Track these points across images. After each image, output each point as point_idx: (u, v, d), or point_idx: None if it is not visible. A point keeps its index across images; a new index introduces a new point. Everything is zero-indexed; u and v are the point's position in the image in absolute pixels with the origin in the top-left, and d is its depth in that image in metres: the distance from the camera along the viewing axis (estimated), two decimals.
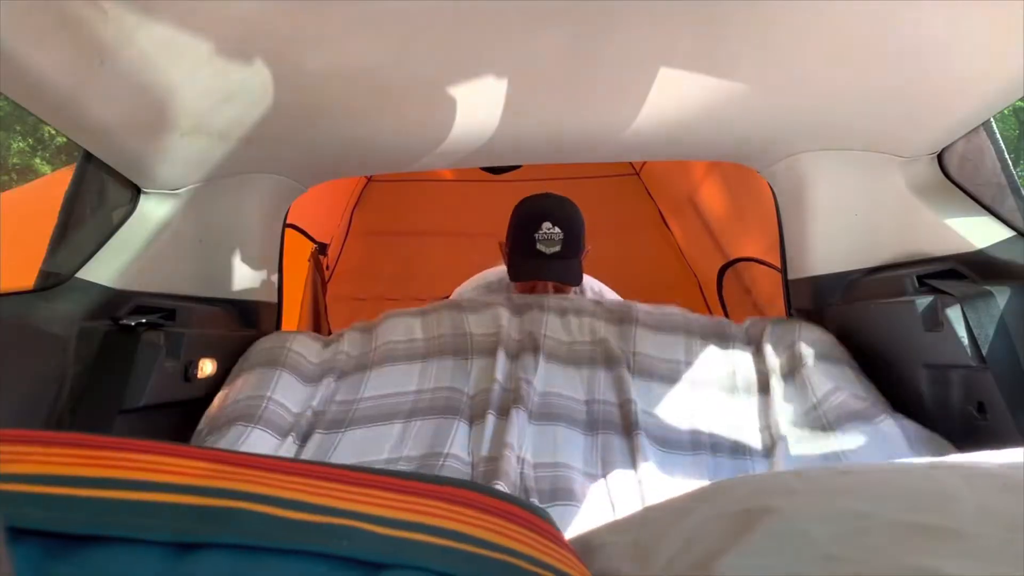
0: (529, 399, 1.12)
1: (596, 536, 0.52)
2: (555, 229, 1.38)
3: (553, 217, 1.40)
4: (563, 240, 1.39)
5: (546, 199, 1.50)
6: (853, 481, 0.50)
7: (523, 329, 1.27)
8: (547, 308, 1.32)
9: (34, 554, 0.28)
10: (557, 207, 1.46)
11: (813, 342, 1.21)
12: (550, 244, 1.38)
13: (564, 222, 1.41)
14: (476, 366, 1.21)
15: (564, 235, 1.39)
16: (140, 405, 1.04)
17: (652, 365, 1.22)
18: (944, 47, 0.91)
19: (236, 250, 1.39)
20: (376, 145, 1.31)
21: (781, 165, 1.39)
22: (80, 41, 0.80)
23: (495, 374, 1.17)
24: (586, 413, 1.14)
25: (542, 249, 1.39)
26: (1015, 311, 0.95)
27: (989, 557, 0.36)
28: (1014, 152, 10.31)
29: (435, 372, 1.21)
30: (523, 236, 1.40)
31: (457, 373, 1.20)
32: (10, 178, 9.44)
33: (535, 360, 1.20)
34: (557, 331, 1.27)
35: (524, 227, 1.41)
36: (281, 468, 0.38)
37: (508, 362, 1.21)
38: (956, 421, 1.05)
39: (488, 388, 1.15)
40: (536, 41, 0.97)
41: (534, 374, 1.17)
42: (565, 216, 1.43)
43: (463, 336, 1.27)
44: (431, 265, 3.17)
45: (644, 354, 1.23)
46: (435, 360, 1.23)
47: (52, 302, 1.01)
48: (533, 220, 1.41)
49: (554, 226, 1.39)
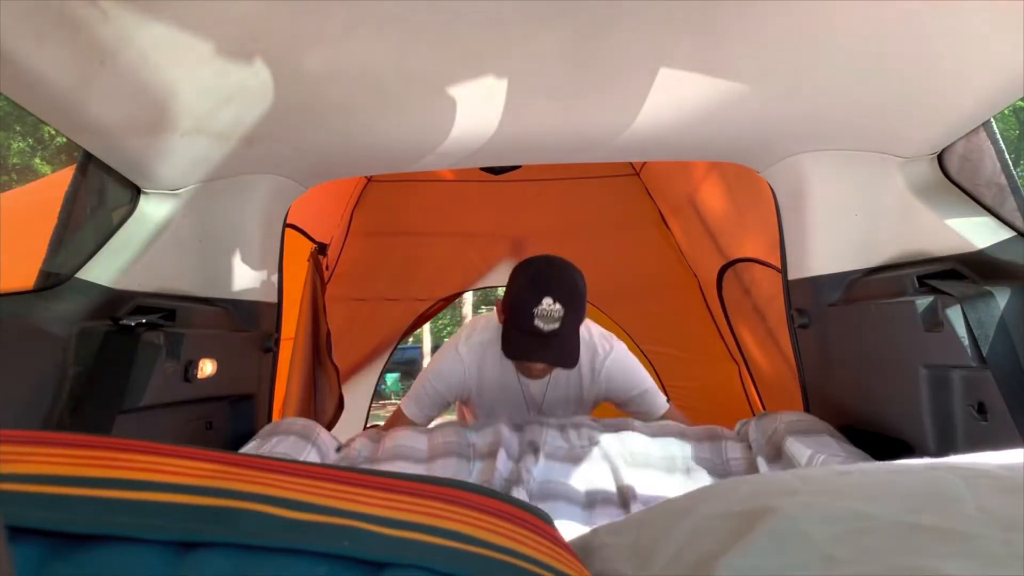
0: (529, 483, 1.15)
1: (595, 537, 0.52)
2: (556, 306, 1.30)
3: (555, 293, 1.31)
4: (563, 317, 1.31)
5: (549, 268, 1.38)
6: (853, 482, 0.50)
7: (523, 440, 1.29)
8: (546, 424, 1.33)
9: (34, 554, 0.28)
10: (560, 280, 1.35)
11: (791, 422, 1.24)
12: (549, 321, 1.31)
13: (566, 298, 1.32)
14: (478, 467, 1.24)
15: (564, 311, 1.31)
16: (140, 405, 1.04)
17: (649, 459, 1.24)
18: (944, 47, 0.91)
19: (236, 250, 1.39)
20: (376, 145, 1.31)
21: (781, 165, 1.39)
22: (80, 41, 0.80)
23: (496, 465, 1.20)
24: (584, 495, 1.15)
25: (540, 326, 1.31)
26: (1015, 311, 0.95)
27: (989, 558, 0.36)
28: (1014, 152, 10.31)
29: (439, 467, 1.23)
30: (521, 310, 1.32)
31: (460, 470, 1.23)
32: (10, 178, 9.44)
33: (535, 459, 1.22)
34: (557, 439, 1.29)
35: (523, 300, 1.32)
36: (282, 469, 0.38)
37: (509, 460, 1.23)
38: (956, 421, 1.05)
39: (489, 479, 1.18)
40: (536, 41, 0.97)
41: (534, 468, 1.19)
42: (567, 292, 1.33)
43: (466, 445, 1.29)
44: (431, 265, 3.17)
45: (642, 452, 1.25)
46: (440, 459, 1.26)
47: (52, 302, 1.01)
48: (534, 293, 1.31)
49: (555, 302, 1.30)
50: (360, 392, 3.11)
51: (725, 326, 2.78)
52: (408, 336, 3.51)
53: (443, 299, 3.31)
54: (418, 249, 3.16)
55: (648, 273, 3.07)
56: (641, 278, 3.08)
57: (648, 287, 3.07)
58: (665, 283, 3.07)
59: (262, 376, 1.48)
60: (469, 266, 3.23)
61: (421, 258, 3.16)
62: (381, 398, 12.56)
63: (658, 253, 3.09)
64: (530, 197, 3.06)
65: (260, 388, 1.47)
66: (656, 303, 3.06)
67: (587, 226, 3.09)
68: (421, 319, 3.31)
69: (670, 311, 3.04)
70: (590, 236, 3.10)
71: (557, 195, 3.03)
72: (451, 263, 3.20)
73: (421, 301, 3.21)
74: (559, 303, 1.30)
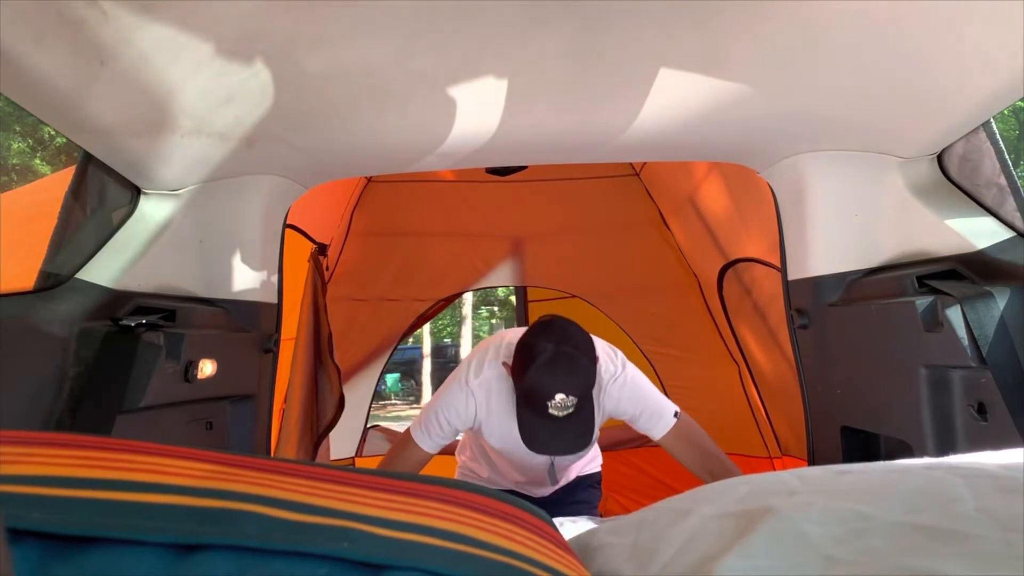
0: None
1: (595, 537, 0.52)
2: (569, 399, 1.30)
3: (566, 388, 1.30)
4: (576, 404, 1.32)
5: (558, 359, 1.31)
6: (853, 482, 0.50)
7: None
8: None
9: (34, 555, 0.28)
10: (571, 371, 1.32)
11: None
12: (563, 409, 1.31)
13: (578, 390, 1.31)
14: None
15: (577, 400, 1.32)
16: (140, 406, 1.04)
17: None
18: (944, 47, 0.91)
19: (236, 251, 1.39)
20: (376, 145, 1.31)
21: (781, 166, 1.39)
22: (80, 41, 0.80)
23: None
24: None
25: (555, 414, 1.32)
26: (1015, 311, 0.95)
27: (988, 558, 0.36)
28: (1014, 152, 10.31)
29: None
30: (535, 399, 1.32)
31: None
32: (10, 178, 9.44)
33: None
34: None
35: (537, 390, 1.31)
36: (281, 470, 0.38)
37: None
38: (956, 422, 1.05)
39: None
40: (536, 41, 0.97)
41: None
42: (579, 384, 1.32)
43: None
44: (431, 266, 3.17)
45: None
46: None
47: (52, 303, 1.01)
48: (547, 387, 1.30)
49: (568, 396, 1.30)
50: (360, 392, 3.11)
51: (725, 326, 2.78)
52: (408, 336, 3.51)
53: (443, 299, 3.30)
54: (418, 250, 3.16)
55: (648, 273, 3.07)
56: (641, 278, 3.08)
57: (648, 287, 3.07)
58: (665, 283, 3.07)
59: (262, 376, 1.48)
60: (469, 267, 3.23)
61: (421, 258, 3.16)
62: (381, 398, 12.55)
63: (658, 253, 3.09)
64: (530, 197, 3.06)
65: (260, 388, 1.47)
66: (656, 303, 3.06)
67: (587, 226, 3.09)
68: (421, 319, 3.31)
69: (670, 311, 3.04)
70: (590, 236, 3.10)
71: (557, 195, 3.03)
72: (451, 263, 3.20)
73: (421, 301, 3.21)
74: (572, 395, 1.31)
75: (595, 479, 1.82)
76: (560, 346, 1.33)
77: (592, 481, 1.81)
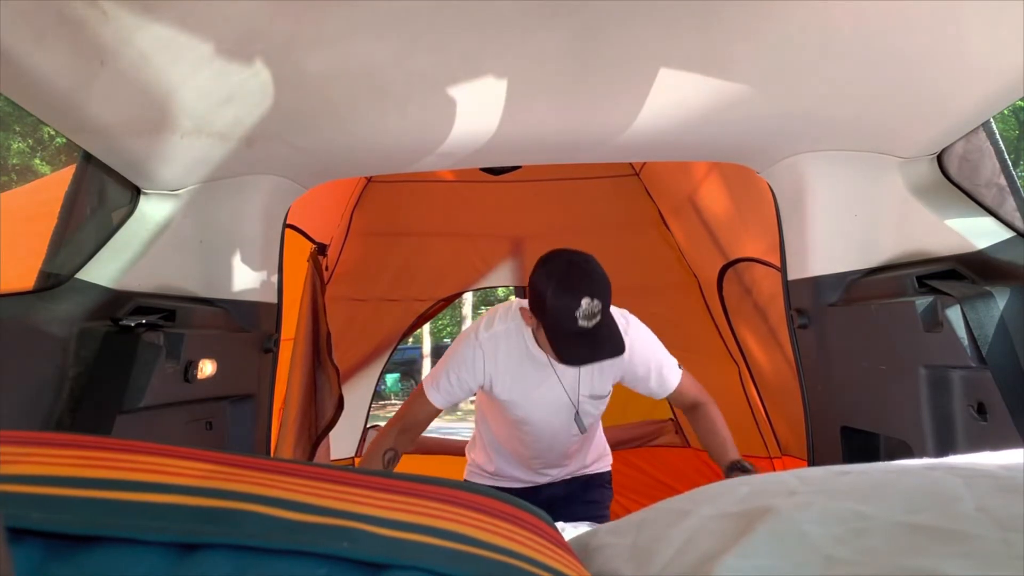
0: None
1: (595, 538, 0.52)
2: (595, 302, 1.32)
3: (590, 290, 1.33)
4: (602, 309, 1.34)
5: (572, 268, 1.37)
6: (852, 482, 0.50)
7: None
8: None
9: (34, 554, 0.28)
10: (589, 275, 1.36)
11: None
12: (591, 317, 1.33)
13: (600, 291, 1.34)
14: None
15: (602, 304, 1.34)
16: (140, 406, 1.04)
17: None
18: (944, 47, 0.91)
19: (236, 251, 1.39)
20: (376, 145, 1.31)
21: (780, 166, 1.39)
22: (80, 41, 0.80)
23: None
24: None
25: (585, 325, 1.33)
26: (1015, 311, 0.95)
27: (988, 558, 0.36)
28: (1014, 152, 10.31)
29: None
30: (564, 315, 1.33)
31: None
32: (10, 178, 9.44)
33: None
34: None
35: (564, 306, 1.33)
36: (281, 469, 0.38)
37: None
38: (955, 422, 1.05)
39: None
40: (536, 41, 0.97)
41: None
42: (599, 286, 1.35)
43: None
44: (431, 266, 3.17)
45: None
46: None
47: (52, 303, 1.01)
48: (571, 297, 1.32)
49: (593, 299, 1.32)
50: (360, 392, 3.11)
51: (725, 326, 2.78)
52: (408, 336, 3.51)
53: (443, 300, 3.30)
54: (418, 250, 3.16)
55: (648, 273, 3.07)
56: (641, 278, 3.07)
57: (648, 287, 3.07)
58: (665, 283, 3.07)
59: (262, 376, 1.48)
60: (469, 267, 3.23)
61: (421, 259, 3.16)
62: (381, 398, 12.54)
63: (658, 253, 3.09)
64: (530, 197, 3.06)
65: (260, 388, 1.47)
66: (656, 303, 3.05)
67: (587, 226, 3.09)
68: (421, 319, 3.31)
69: (670, 311, 3.03)
70: (590, 236, 3.08)
71: (557, 195, 3.03)
72: (451, 264, 3.20)
73: (421, 301, 3.21)
74: (596, 299, 1.33)
75: (606, 478, 1.83)
76: (571, 258, 1.39)
77: (603, 480, 1.82)
